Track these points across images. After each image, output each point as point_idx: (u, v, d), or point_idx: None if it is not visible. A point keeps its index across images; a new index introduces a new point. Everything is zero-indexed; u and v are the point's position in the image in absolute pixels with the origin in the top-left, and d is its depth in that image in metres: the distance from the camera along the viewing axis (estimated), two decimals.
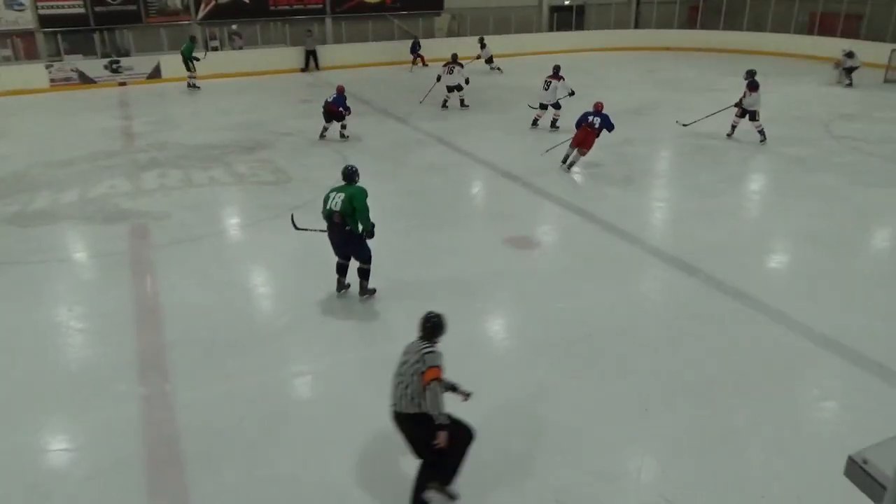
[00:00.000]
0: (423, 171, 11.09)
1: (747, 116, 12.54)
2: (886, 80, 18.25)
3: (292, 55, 21.96)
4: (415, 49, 22.31)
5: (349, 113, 13.02)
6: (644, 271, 7.55)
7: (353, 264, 6.82)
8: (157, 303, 6.86)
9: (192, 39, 19.52)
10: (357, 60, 22.32)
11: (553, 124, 13.52)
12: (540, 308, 6.65)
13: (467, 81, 15.62)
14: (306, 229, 7.07)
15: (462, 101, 15.86)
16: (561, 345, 5.96)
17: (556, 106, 13.53)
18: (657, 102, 16.46)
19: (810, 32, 23.68)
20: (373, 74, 21.15)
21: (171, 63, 20.52)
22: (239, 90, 19.01)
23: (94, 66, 19.92)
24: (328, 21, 23.40)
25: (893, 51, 18.43)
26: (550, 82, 13.58)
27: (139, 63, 20.39)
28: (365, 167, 11.27)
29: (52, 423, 5.10)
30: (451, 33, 24.93)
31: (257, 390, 5.39)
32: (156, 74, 20.50)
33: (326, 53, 22.39)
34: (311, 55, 21.75)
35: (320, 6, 23.12)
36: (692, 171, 11.20)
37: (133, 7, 20.78)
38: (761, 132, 12.40)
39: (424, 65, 22.14)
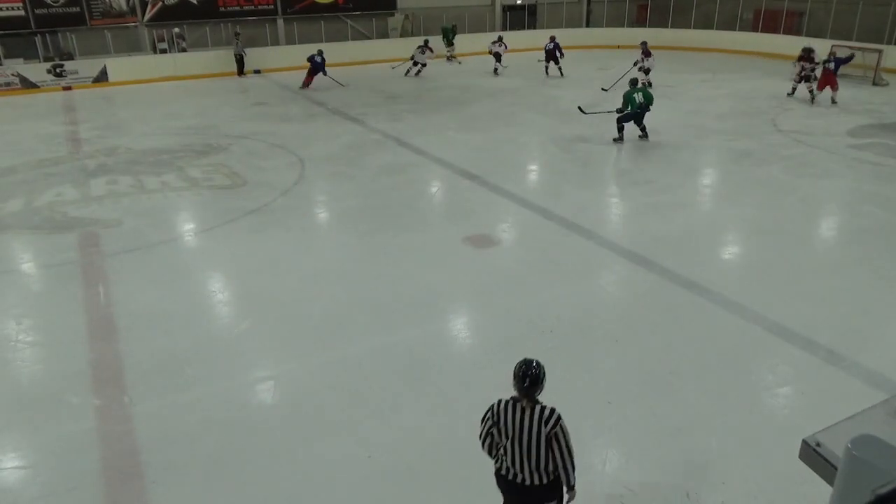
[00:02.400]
0: (381, 172, 11.05)
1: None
2: (875, 84, 18.29)
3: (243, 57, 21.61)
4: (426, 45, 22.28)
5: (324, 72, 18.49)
6: (602, 266, 7.67)
7: None
8: (111, 312, 6.68)
9: None
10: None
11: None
12: (500, 305, 6.69)
13: (425, 65, 20.52)
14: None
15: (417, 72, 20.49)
16: (522, 341, 6.01)
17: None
18: (608, 98, 16.71)
19: (755, 29, 24.41)
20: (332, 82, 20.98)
21: (118, 66, 20.02)
22: (188, 93, 18.65)
23: (36, 71, 19.29)
24: (280, 22, 23.11)
25: (881, 52, 18.79)
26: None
27: (84, 67, 19.81)
28: (321, 169, 11.26)
29: (3, 441, 4.92)
30: (404, 33, 24.91)
31: (218, 398, 5.30)
32: (102, 78, 19.95)
33: (278, 55, 22.10)
34: (240, 59, 21.18)
35: (271, 7, 22.83)
36: (645, 166, 11.42)
37: (76, 9, 20.20)
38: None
39: (451, 59, 23.52)
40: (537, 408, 3.35)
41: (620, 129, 12.52)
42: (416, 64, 20.72)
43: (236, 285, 7.37)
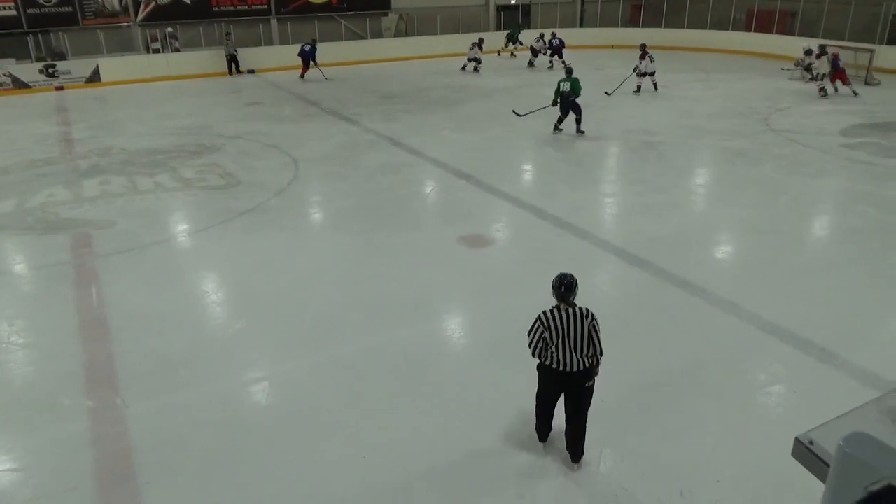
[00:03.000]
0: (375, 172, 11.04)
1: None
2: (867, 83, 18.46)
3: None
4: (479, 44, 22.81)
5: (314, 62, 19.71)
6: (596, 265, 7.67)
7: None
8: (104, 314, 6.65)
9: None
10: None
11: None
12: (495, 305, 6.69)
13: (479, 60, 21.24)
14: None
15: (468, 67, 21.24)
16: (517, 340, 5.99)
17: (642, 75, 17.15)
18: (602, 99, 16.76)
19: (748, 29, 24.49)
20: (320, 75, 20.95)
21: (111, 66, 19.94)
22: (182, 93, 18.59)
23: (28, 71, 19.21)
24: (273, 22, 23.07)
25: (873, 52, 18.92)
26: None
27: (77, 67, 19.73)
28: (315, 169, 11.24)
29: None
30: (398, 33, 24.89)
31: (213, 399, 5.28)
32: (95, 78, 19.88)
33: (272, 54, 22.06)
34: (232, 59, 21.12)
35: (265, 7, 22.79)
36: (639, 165, 11.44)
37: (68, 9, 20.11)
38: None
39: (513, 55, 24.38)
40: (576, 308, 4.28)
41: (559, 121, 13.08)
42: (470, 60, 21.33)
43: (230, 286, 7.35)
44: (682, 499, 4.19)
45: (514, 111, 13.60)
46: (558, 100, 12.79)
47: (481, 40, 21.74)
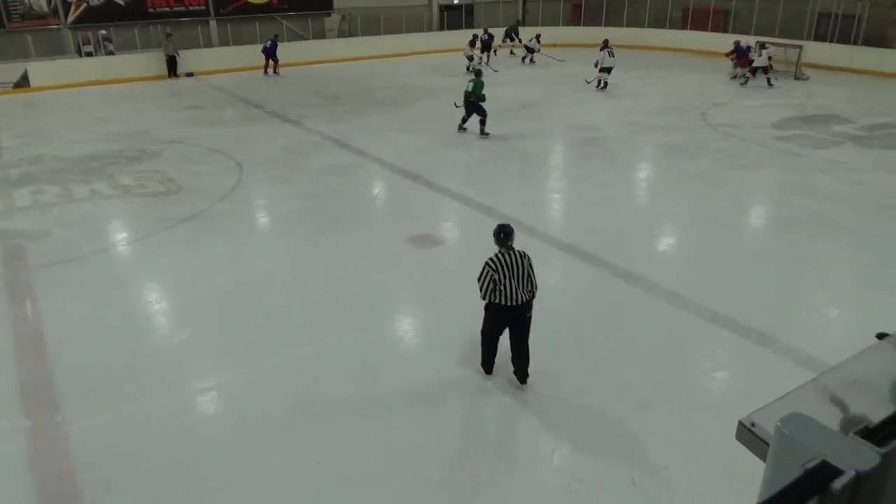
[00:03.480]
0: (322, 174, 10.92)
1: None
2: (797, 78, 19.30)
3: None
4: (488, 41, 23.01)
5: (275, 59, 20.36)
6: (544, 261, 7.75)
7: None
8: (40, 328, 6.37)
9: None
10: (245, 63, 21.59)
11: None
12: (446, 305, 6.70)
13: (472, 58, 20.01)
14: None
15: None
16: (468, 340, 6.03)
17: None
18: (546, 97, 16.99)
19: (684, 27, 25.22)
20: (263, 77, 20.60)
21: (41, 71, 19.13)
22: (117, 98, 17.97)
23: None
24: (213, 24, 22.56)
25: (801, 48, 19.73)
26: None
27: (3, 72, 18.83)
28: (259, 173, 11.04)
29: None
30: (342, 34, 24.67)
31: (159, 412, 5.12)
32: (23, 83, 19.02)
33: (212, 56, 21.56)
34: (172, 61, 20.54)
35: (203, 8, 22.25)
36: (584, 162, 11.65)
37: None
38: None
39: (512, 52, 24.40)
40: (516, 251, 5.04)
41: (462, 119, 13.30)
42: (470, 59, 20.46)
43: (174, 295, 7.15)
44: (633, 486, 4.28)
45: (455, 103, 13.59)
46: (464, 100, 12.95)
47: (475, 37, 21.80)
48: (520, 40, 24.08)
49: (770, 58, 18.08)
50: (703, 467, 4.42)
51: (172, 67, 20.45)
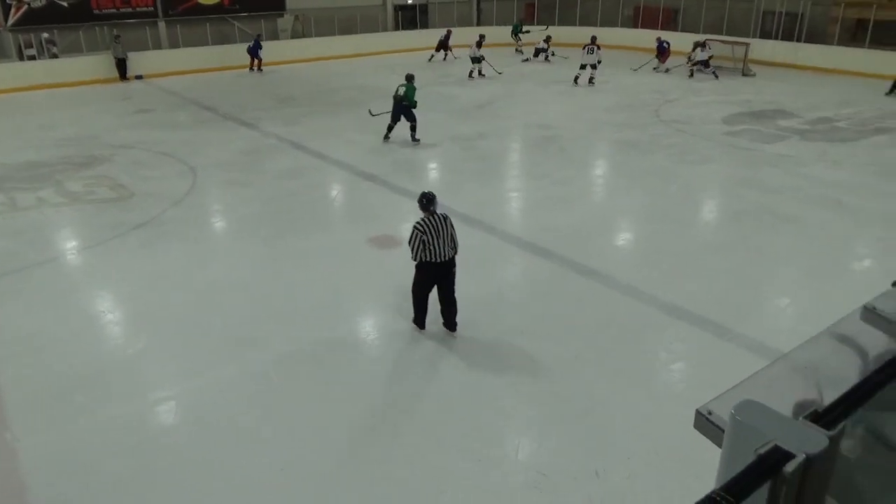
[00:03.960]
0: (280, 177, 10.78)
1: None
2: (744, 74, 19.91)
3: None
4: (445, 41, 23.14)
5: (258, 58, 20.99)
6: (504, 259, 7.83)
7: None
8: None
9: None
10: (196, 65, 21.20)
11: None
12: (408, 305, 6.69)
13: (482, 58, 19.57)
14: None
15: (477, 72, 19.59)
16: (430, 339, 6.04)
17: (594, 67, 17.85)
18: (503, 96, 17.10)
19: (635, 25, 25.69)
20: (215, 79, 20.23)
21: None
22: (63, 102, 17.42)
23: None
24: (161, 25, 22.04)
25: (749, 45, 20.31)
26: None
27: None
28: (214, 177, 10.84)
29: None
30: (295, 35, 24.39)
31: (115, 424, 4.99)
32: None
33: (162, 59, 21.07)
34: (121, 64, 19.99)
35: (151, 8, 21.72)
36: (541, 160, 11.76)
37: None
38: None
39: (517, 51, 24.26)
40: (438, 214, 5.71)
41: (388, 127, 12.52)
42: (478, 61, 19.78)
43: (128, 303, 6.97)
44: (597, 478, 4.35)
45: (369, 110, 13.05)
46: (393, 105, 12.23)
47: (482, 37, 20.67)
48: (520, 39, 24.22)
49: (710, 56, 19.71)
50: (664, 456, 4.51)
51: (122, 70, 19.92)
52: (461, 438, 4.74)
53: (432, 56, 23.09)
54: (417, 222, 5.63)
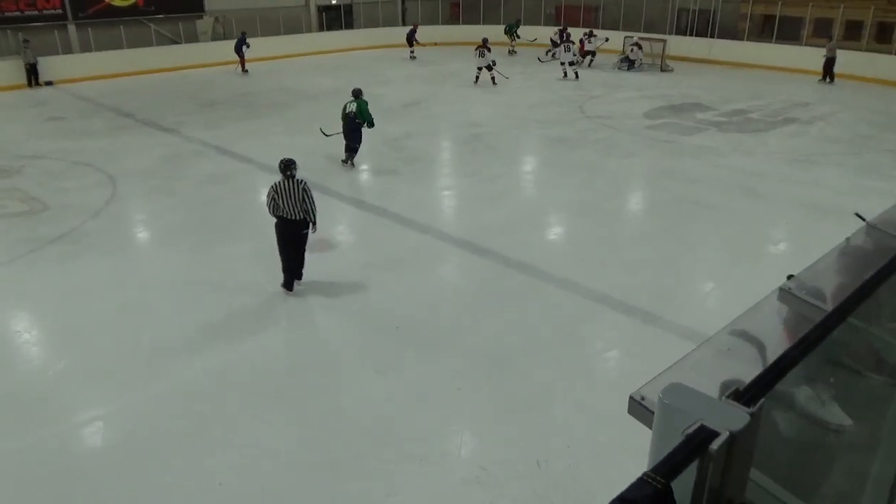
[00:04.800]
0: (204, 184, 10.45)
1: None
2: (662, 70, 20.65)
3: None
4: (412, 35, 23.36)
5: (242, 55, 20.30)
6: (439, 258, 7.85)
7: None
8: None
9: None
10: (111, 70, 20.28)
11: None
12: (345, 308, 6.63)
13: (494, 63, 18.12)
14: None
15: (493, 79, 18.12)
16: (367, 340, 6.00)
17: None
18: (429, 95, 17.14)
19: (557, 23, 26.20)
20: (132, 84, 19.43)
21: None
22: None
23: None
24: (72, 28, 21.00)
25: (665, 42, 21.09)
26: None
27: None
28: (136, 185, 10.43)
29: None
30: (216, 36, 23.69)
31: (36, 449, 4.72)
32: None
33: (73, 63, 20.07)
34: (32, 69, 18.98)
35: (59, 11, 20.66)
36: (470, 158, 11.85)
37: None
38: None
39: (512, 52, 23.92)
40: (294, 179, 6.51)
41: (347, 150, 11.03)
42: (480, 69, 18.39)
43: (47, 322, 6.61)
44: (538, 468, 4.42)
45: (321, 130, 11.73)
46: (344, 125, 10.93)
47: (485, 40, 18.59)
48: (518, 37, 23.94)
49: (597, 47, 21.06)
50: (602, 442, 4.63)
51: (33, 76, 18.88)
52: (404, 441, 4.73)
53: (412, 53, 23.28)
54: (272, 185, 6.54)
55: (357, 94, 10.83)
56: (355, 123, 10.71)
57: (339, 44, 25.26)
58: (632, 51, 20.88)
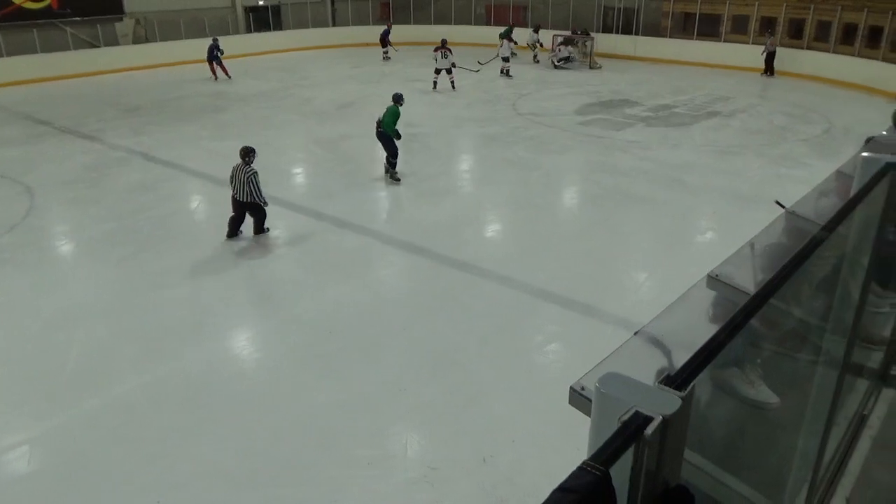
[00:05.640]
0: (130, 192, 10.06)
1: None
2: (591, 67, 21.13)
3: None
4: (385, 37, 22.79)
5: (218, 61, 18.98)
6: (379, 259, 7.81)
7: None
8: None
9: None
10: (24, 76, 19.26)
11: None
12: (284, 313, 6.51)
13: (454, 65, 17.23)
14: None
15: (453, 83, 17.39)
16: (307, 346, 5.91)
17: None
18: (363, 97, 17.02)
19: (488, 23, 26.48)
20: (49, 90, 18.52)
21: None
22: None
23: None
24: None
25: (594, 40, 21.64)
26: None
27: None
28: (56, 196, 9.95)
29: None
30: (137, 39, 22.85)
31: None
32: None
33: None
34: None
35: None
36: (407, 158, 11.81)
37: None
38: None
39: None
40: (246, 166, 7.78)
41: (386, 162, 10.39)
42: (438, 72, 17.43)
43: None
44: (485, 464, 4.45)
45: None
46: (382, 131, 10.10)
47: (444, 41, 17.60)
48: (515, 42, 22.40)
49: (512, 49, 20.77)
50: (547, 434, 4.70)
51: None
52: (349, 445, 4.68)
53: (386, 53, 22.90)
54: (233, 167, 7.89)
55: (395, 99, 10.26)
56: (379, 131, 10.13)
57: (268, 45, 24.79)
58: (559, 50, 21.29)
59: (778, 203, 2.34)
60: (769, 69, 19.44)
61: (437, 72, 17.28)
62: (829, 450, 2.30)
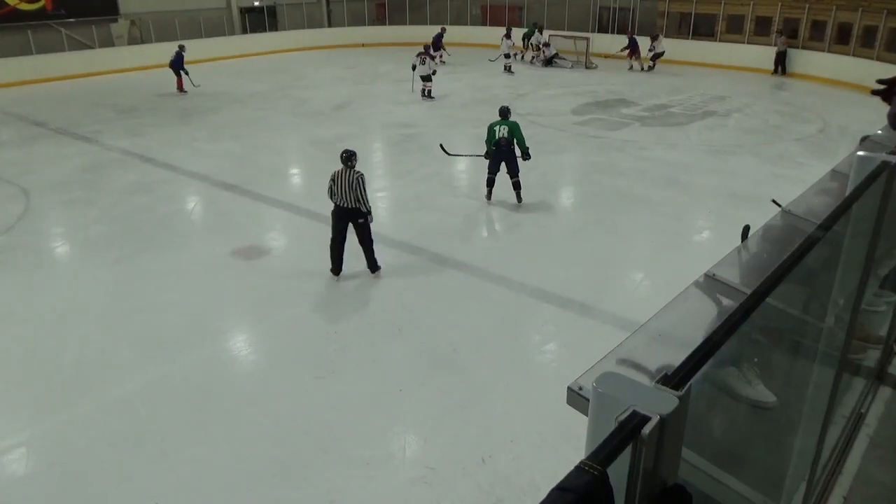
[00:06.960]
0: (127, 193, 10.04)
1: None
2: (587, 67, 21.22)
3: None
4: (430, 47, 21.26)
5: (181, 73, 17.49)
6: (378, 258, 7.78)
7: None
8: None
9: None
10: (20, 77, 19.24)
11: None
12: (281, 315, 6.50)
13: (434, 73, 16.72)
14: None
15: (429, 92, 16.57)
16: (304, 347, 5.90)
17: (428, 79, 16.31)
18: (358, 97, 17.02)
19: (484, 23, 26.49)
20: (44, 91, 18.49)
21: None
22: None
23: None
24: None
25: (588, 40, 21.65)
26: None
27: None
28: (51, 198, 9.93)
29: None
30: (132, 41, 22.81)
31: None
32: None
33: None
34: None
35: None
36: (403, 158, 11.84)
37: None
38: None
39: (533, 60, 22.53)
40: (351, 170, 6.83)
41: (488, 183, 9.33)
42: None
43: None
44: (484, 464, 4.45)
45: (441, 147, 10.37)
46: (491, 149, 9.12)
47: (427, 47, 17.45)
48: (532, 46, 22.72)
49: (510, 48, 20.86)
50: (544, 434, 4.70)
51: None
52: (348, 445, 4.68)
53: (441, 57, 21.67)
54: (334, 172, 6.91)
55: (505, 113, 9.20)
56: (509, 149, 8.97)
57: (263, 46, 24.78)
58: (543, 52, 21.58)
59: (774, 202, 2.35)
60: (781, 68, 19.50)
61: (425, 78, 16.43)
62: (826, 448, 2.31)
